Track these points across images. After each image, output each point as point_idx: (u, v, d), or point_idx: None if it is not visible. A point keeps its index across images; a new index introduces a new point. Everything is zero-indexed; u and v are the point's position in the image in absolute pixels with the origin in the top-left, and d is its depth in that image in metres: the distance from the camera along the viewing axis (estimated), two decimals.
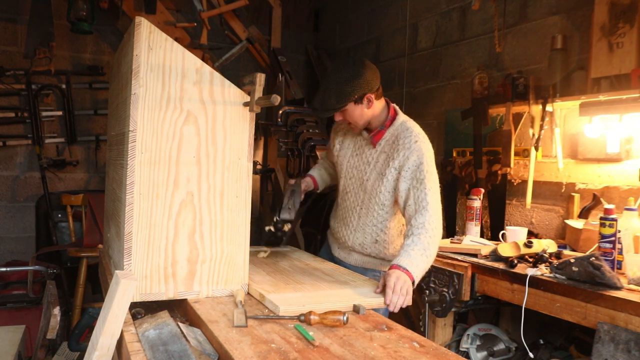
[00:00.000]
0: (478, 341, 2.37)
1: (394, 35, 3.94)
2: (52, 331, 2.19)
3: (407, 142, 1.84)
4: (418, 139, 1.84)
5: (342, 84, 1.79)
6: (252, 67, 4.47)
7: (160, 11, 3.57)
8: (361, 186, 1.97)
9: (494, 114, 2.80)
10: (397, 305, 1.53)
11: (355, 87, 1.81)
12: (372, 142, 1.93)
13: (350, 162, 2.02)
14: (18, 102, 3.91)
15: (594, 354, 1.67)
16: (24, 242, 4.01)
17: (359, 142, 2.01)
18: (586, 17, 2.44)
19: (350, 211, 2.01)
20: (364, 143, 1.98)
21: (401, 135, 1.87)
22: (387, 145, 1.90)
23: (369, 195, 1.93)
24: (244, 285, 1.59)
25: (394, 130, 1.91)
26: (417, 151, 1.82)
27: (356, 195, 1.99)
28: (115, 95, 1.88)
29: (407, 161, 1.82)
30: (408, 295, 1.56)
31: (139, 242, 1.43)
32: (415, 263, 1.64)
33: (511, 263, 2.05)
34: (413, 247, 1.69)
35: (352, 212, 2.00)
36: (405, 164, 1.82)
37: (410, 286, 1.58)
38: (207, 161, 1.51)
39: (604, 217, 1.90)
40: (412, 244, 1.70)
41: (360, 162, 1.98)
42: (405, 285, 1.56)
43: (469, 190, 2.83)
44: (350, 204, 2.01)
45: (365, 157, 1.96)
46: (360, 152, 1.99)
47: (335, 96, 1.80)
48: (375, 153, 1.93)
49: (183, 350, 1.18)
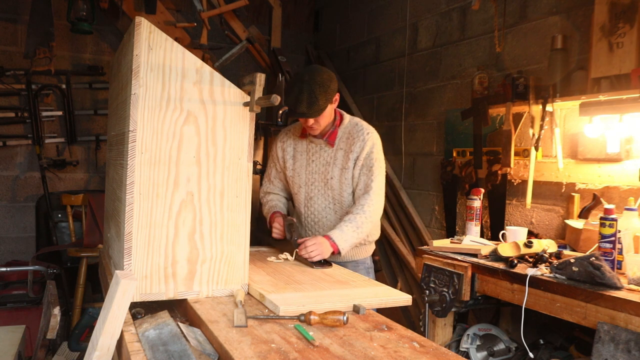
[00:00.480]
0: (478, 341, 2.37)
1: (394, 35, 3.94)
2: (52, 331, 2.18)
3: (360, 135, 2.10)
4: (369, 131, 2.12)
5: (325, 85, 1.98)
6: (252, 67, 4.47)
7: (160, 11, 3.57)
8: (327, 185, 2.16)
9: (494, 114, 2.80)
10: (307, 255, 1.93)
11: (335, 88, 2.03)
12: (330, 142, 2.14)
13: (309, 169, 2.20)
14: (18, 102, 3.91)
15: (594, 354, 1.67)
16: (24, 242, 4.01)
17: (311, 150, 2.19)
18: (586, 17, 2.44)
19: (321, 212, 2.20)
20: (318, 148, 2.17)
21: (353, 131, 2.12)
22: (341, 142, 2.13)
23: (339, 191, 2.14)
24: (244, 285, 1.59)
25: (344, 128, 2.15)
26: (369, 142, 2.09)
27: (324, 196, 2.18)
28: (115, 95, 1.88)
29: (362, 151, 2.08)
30: (316, 255, 1.93)
31: (139, 242, 1.43)
32: (344, 238, 1.99)
33: (511, 263, 2.05)
34: (348, 224, 2.01)
35: (325, 211, 2.19)
36: (360, 154, 2.08)
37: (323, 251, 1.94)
38: (207, 161, 1.51)
39: (604, 217, 1.90)
40: (348, 221, 2.02)
41: (320, 165, 2.17)
42: (318, 249, 1.93)
43: (469, 190, 2.84)
44: (319, 206, 2.20)
45: (324, 158, 2.16)
46: (317, 157, 2.18)
47: (323, 96, 1.97)
48: (333, 152, 2.14)
49: (183, 350, 1.18)
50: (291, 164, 2.24)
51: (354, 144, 2.09)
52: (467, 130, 3.06)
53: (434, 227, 3.46)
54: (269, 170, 2.36)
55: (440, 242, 2.49)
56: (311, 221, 2.22)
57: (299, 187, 2.23)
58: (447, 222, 3.29)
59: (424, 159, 3.55)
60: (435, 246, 2.42)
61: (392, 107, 3.93)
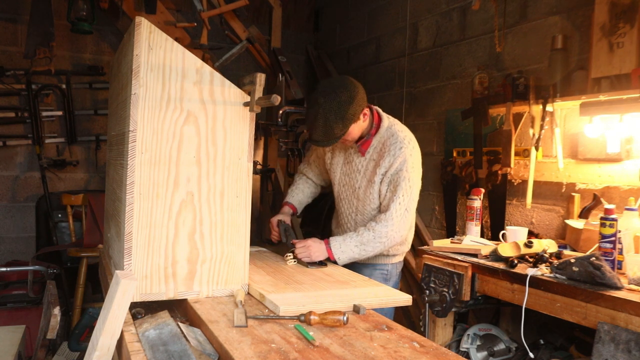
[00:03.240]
0: (478, 341, 2.37)
1: (394, 35, 3.94)
2: (52, 331, 2.18)
3: (393, 149, 1.93)
4: (403, 145, 1.93)
5: (342, 110, 1.82)
6: (252, 67, 4.46)
7: (161, 11, 3.57)
8: (354, 193, 2.07)
9: (494, 114, 2.80)
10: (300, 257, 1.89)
11: (356, 109, 1.86)
12: (361, 151, 2.02)
13: (342, 170, 2.12)
14: (18, 102, 3.91)
15: (594, 354, 1.67)
16: (24, 242, 4.01)
17: (348, 151, 2.09)
18: (586, 17, 2.44)
19: (346, 217, 2.15)
20: (353, 152, 2.06)
21: (387, 142, 1.96)
22: (374, 152, 1.99)
23: (362, 202, 2.05)
24: (244, 285, 1.59)
25: (380, 137, 1.99)
26: (400, 157, 1.91)
27: (350, 202, 2.11)
28: (115, 95, 1.87)
29: (391, 167, 1.92)
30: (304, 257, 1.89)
31: (139, 242, 1.43)
32: (343, 249, 1.90)
33: (511, 263, 2.05)
34: (354, 237, 1.92)
35: (348, 217, 2.14)
36: (388, 170, 1.93)
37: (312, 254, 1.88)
38: (207, 161, 1.50)
39: (604, 217, 1.90)
40: (356, 234, 1.92)
41: (351, 170, 2.08)
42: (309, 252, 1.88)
43: (469, 190, 2.83)
44: (345, 210, 2.14)
45: (355, 165, 2.06)
46: (350, 161, 2.08)
47: (339, 124, 1.83)
48: (365, 161, 2.02)
49: (183, 350, 1.18)
50: (329, 157, 2.17)
51: (384, 158, 1.94)
52: (467, 130, 3.06)
53: (434, 227, 3.46)
54: (310, 152, 2.31)
55: (440, 242, 2.49)
56: (338, 217, 2.20)
57: (334, 184, 2.18)
58: (447, 222, 3.29)
59: (424, 159, 3.53)
60: (436, 246, 2.42)
61: (392, 107, 3.92)
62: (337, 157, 2.13)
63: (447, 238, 2.72)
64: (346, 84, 1.87)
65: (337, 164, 2.13)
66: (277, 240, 2.18)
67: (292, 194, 2.30)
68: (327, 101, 1.82)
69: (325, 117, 1.82)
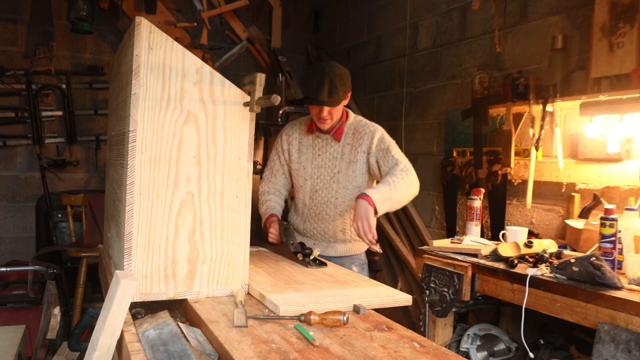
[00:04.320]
0: (478, 341, 2.37)
1: (394, 35, 3.94)
2: (52, 331, 2.18)
3: (366, 129, 2.19)
4: (374, 125, 2.22)
5: (343, 78, 2.07)
6: (252, 67, 4.47)
7: (161, 11, 3.57)
8: (333, 179, 2.23)
9: (494, 114, 2.80)
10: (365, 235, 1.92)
11: (350, 83, 2.13)
12: (337, 137, 2.21)
13: (314, 163, 2.27)
14: (18, 102, 3.91)
15: (595, 354, 1.67)
16: (24, 242, 4.01)
17: (317, 144, 2.26)
18: (586, 17, 2.44)
19: (324, 205, 2.26)
20: (324, 143, 2.25)
21: (359, 126, 2.21)
22: (348, 137, 2.21)
23: (344, 184, 2.22)
24: (244, 285, 1.59)
25: (349, 124, 2.23)
26: (377, 132, 2.18)
27: (328, 189, 2.25)
28: (115, 95, 1.87)
29: (372, 141, 2.16)
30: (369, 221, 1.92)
31: (139, 242, 1.43)
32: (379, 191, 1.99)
33: (511, 263, 2.05)
34: (380, 185, 2.04)
35: (327, 204, 2.25)
36: (371, 145, 2.16)
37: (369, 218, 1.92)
38: (207, 161, 1.50)
39: (604, 217, 1.90)
40: (381, 184, 2.04)
41: (326, 159, 2.25)
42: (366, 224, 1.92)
43: (469, 190, 2.83)
44: (323, 199, 2.26)
45: (330, 153, 2.24)
46: (323, 152, 2.25)
47: (342, 88, 2.06)
48: (340, 147, 2.22)
49: (183, 351, 1.18)
50: (297, 157, 2.30)
51: (361, 138, 2.17)
52: (467, 130, 3.06)
53: (434, 227, 3.46)
54: (272, 164, 2.39)
55: (440, 242, 2.49)
56: (314, 212, 2.29)
57: (304, 179, 2.29)
58: (447, 222, 3.29)
59: (424, 159, 3.55)
60: (436, 246, 2.42)
61: (392, 107, 3.93)
62: (304, 155, 2.29)
63: (447, 238, 2.72)
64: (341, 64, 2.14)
65: (307, 161, 2.28)
66: (276, 241, 2.21)
67: (270, 206, 2.32)
68: (331, 69, 2.05)
69: (330, 80, 2.03)
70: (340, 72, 2.07)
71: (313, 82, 2.05)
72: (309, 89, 2.06)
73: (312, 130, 2.25)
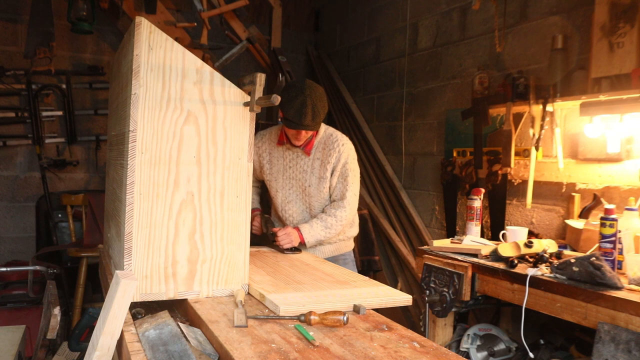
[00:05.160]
0: (478, 341, 2.37)
1: (394, 35, 3.94)
2: (52, 331, 2.18)
3: (335, 146, 2.22)
4: (344, 142, 2.24)
5: (323, 100, 2.10)
6: (252, 67, 4.47)
7: (161, 11, 3.57)
8: (304, 192, 2.28)
9: (494, 114, 2.80)
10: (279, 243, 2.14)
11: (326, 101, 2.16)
12: (307, 152, 2.24)
13: (286, 175, 2.31)
14: (18, 102, 3.91)
15: (595, 354, 1.67)
16: (24, 242, 4.01)
17: (288, 157, 2.30)
18: (586, 17, 2.44)
19: (298, 216, 2.33)
20: (295, 156, 2.28)
21: (328, 141, 2.24)
22: (318, 151, 2.24)
23: (315, 198, 2.27)
24: (244, 285, 1.59)
25: (320, 138, 2.25)
26: (344, 153, 2.22)
27: (301, 201, 2.31)
28: (115, 95, 1.87)
29: (338, 162, 2.21)
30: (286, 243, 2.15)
31: (139, 242, 1.43)
32: (312, 233, 2.19)
33: (511, 263, 2.05)
34: (319, 222, 2.20)
35: (302, 214, 2.32)
36: (337, 164, 2.21)
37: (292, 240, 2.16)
38: (208, 161, 1.50)
39: (604, 217, 1.90)
40: (320, 219, 2.21)
41: (297, 172, 2.28)
42: (288, 239, 2.15)
43: (469, 190, 2.83)
44: (296, 211, 2.33)
45: (301, 166, 2.27)
46: (294, 164, 2.28)
47: (323, 111, 2.09)
48: (310, 161, 2.25)
49: (183, 351, 1.18)
50: (268, 168, 2.35)
51: (330, 155, 2.22)
52: (467, 130, 3.06)
53: (434, 227, 3.46)
54: None
55: (440, 242, 2.49)
56: (290, 222, 2.36)
57: (275, 191, 2.35)
58: (447, 222, 3.29)
59: (424, 159, 3.55)
60: (436, 246, 2.42)
61: (392, 107, 3.93)
62: (276, 166, 2.32)
63: (447, 238, 2.72)
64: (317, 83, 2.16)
65: (278, 172, 2.32)
66: (257, 232, 2.33)
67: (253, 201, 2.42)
68: (312, 91, 2.06)
69: (313, 103, 2.04)
70: (319, 93, 2.08)
71: (294, 104, 2.03)
72: (290, 111, 2.04)
73: (282, 142, 2.27)
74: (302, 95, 2.03)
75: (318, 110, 2.05)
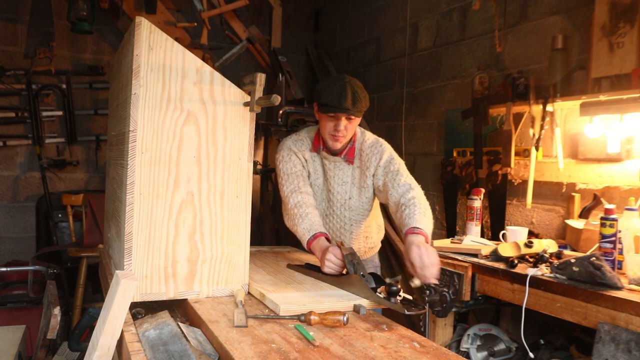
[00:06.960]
0: (478, 341, 2.37)
1: (394, 35, 3.94)
2: (52, 331, 2.18)
3: (373, 149, 1.98)
4: (381, 143, 2.01)
5: (364, 90, 1.91)
6: (252, 67, 4.47)
7: (161, 11, 3.57)
8: (344, 206, 2.04)
9: (494, 114, 2.80)
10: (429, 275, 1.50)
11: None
12: (349, 160, 2.00)
13: (324, 188, 2.05)
14: (18, 102, 3.91)
15: (595, 354, 1.67)
16: (24, 242, 4.01)
17: (326, 166, 2.03)
18: (586, 17, 2.44)
19: (336, 232, 2.09)
20: (333, 166, 2.02)
21: (364, 146, 2.00)
22: (357, 159, 2.01)
23: (356, 212, 2.05)
24: (244, 285, 1.59)
25: (358, 144, 2.02)
26: (386, 152, 1.97)
27: (341, 216, 2.06)
28: (115, 95, 1.87)
29: (380, 162, 1.95)
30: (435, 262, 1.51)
31: (139, 242, 1.43)
32: (423, 222, 1.72)
33: (511, 263, 2.05)
34: (415, 211, 1.75)
35: (341, 231, 2.08)
36: (378, 167, 1.95)
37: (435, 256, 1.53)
38: (208, 161, 1.50)
39: (604, 217, 1.90)
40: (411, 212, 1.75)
41: (337, 184, 2.03)
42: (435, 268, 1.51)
43: (469, 190, 2.83)
44: (335, 226, 2.08)
45: (341, 178, 2.02)
46: (332, 175, 2.02)
47: (364, 100, 1.89)
48: (350, 170, 2.02)
49: (183, 351, 1.18)
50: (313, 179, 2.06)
51: (370, 161, 1.96)
52: (467, 130, 3.06)
53: (434, 227, 3.46)
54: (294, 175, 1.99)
55: (440, 242, 2.49)
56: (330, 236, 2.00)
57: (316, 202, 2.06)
58: (447, 222, 3.29)
59: (424, 159, 3.55)
60: (436, 246, 2.41)
61: (392, 107, 3.93)
62: (312, 176, 2.04)
63: (447, 238, 2.72)
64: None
65: (318, 186, 2.05)
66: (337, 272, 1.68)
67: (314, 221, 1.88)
68: (352, 80, 1.90)
69: (353, 88, 1.86)
70: (360, 84, 1.91)
71: (333, 89, 1.85)
72: (329, 95, 1.85)
73: (317, 147, 2.01)
74: (341, 82, 1.87)
75: (359, 95, 1.85)
